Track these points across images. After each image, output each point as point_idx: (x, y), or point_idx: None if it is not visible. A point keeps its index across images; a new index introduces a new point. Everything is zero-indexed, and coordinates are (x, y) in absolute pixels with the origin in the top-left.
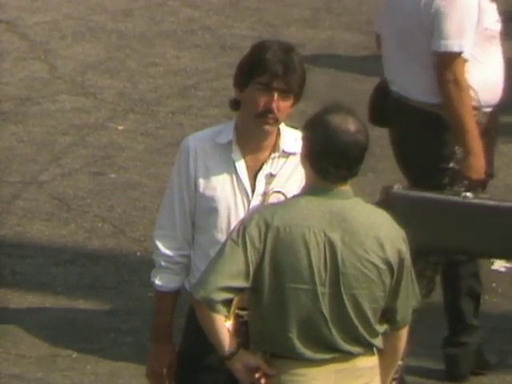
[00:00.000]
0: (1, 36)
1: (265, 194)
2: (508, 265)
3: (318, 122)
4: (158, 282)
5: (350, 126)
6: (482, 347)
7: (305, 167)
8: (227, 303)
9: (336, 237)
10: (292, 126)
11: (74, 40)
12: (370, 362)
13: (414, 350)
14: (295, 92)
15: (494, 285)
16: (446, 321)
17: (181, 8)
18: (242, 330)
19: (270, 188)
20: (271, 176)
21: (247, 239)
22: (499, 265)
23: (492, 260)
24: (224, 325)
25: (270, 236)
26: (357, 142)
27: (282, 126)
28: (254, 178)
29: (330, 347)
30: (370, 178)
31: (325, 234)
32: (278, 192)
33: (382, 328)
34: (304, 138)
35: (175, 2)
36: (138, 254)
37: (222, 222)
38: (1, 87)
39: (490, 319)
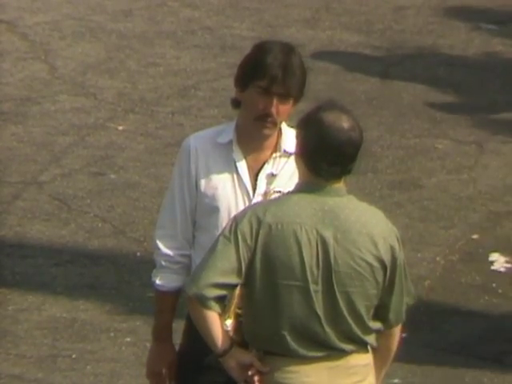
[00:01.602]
0: (1, 36)
1: (266, 194)
2: (508, 265)
3: (312, 120)
4: (158, 281)
5: (344, 123)
6: None
7: (298, 165)
8: (220, 300)
9: (328, 234)
10: (292, 126)
11: (74, 40)
12: (364, 359)
13: (416, 351)
14: (294, 95)
15: (494, 285)
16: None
17: (181, 8)
18: (241, 329)
19: (271, 188)
20: (272, 176)
21: (239, 236)
22: (499, 265)
23: (492, 260)
24: (217, 322)
25: (261, 233)
26: (350, 140)
27: (283, 126)
28: (255, 178)
29: (323, 345)
30: (369, 178)
31: (317, 232)
32: (279, 192)
33: (375, 325)
34: (298, 136)
35: (175, 2)
36: (138, 254)
37: (223, 222)
38: (1, 87)
39: (489, 319)
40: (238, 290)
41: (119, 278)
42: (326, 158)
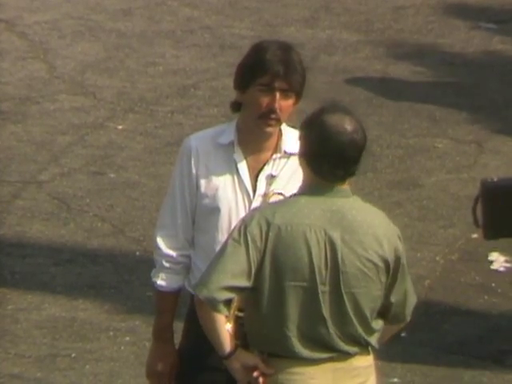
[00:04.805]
0: (0, 35)
1: (265, 195)
2: (507, 264)
3: (315, 122)
4: (159, 281)
5: (347, 125)
6: None
7: (302, 166)
8: (228, 303)
9: (336, 235)
10: (292, 126)
11: (73, 39)
12: (366, 361)
13: (415, 350)
14: (296, 91)
15: (493, 285)
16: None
17: (180, 7)
18: (241, 331)
19: (271, 189)
20: (272, 177)
21: (249, 238)
22: (499, 265)
23: (491, 259)
24: (224, 325)
25: (271, 235)
26: (353, 142)
27: (284, 127)
28: (255, 179)
29: (328, 347)
30: (369, 177)
31: (325, 233)
32: (279, 193)
33: (377, 325)
34: (301, 137)
35: (174, 1)
36: (137, 253)
37: (223, 223)
38: (0, 87)
39: (489, 319)
40: None
41: (118, 277)
42: (328, 162)
